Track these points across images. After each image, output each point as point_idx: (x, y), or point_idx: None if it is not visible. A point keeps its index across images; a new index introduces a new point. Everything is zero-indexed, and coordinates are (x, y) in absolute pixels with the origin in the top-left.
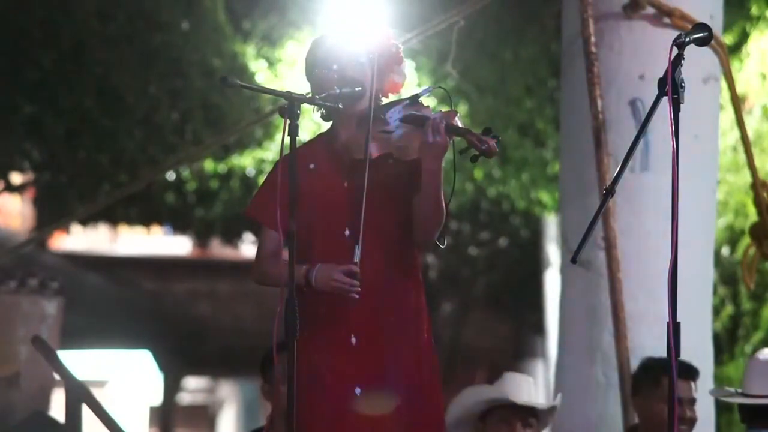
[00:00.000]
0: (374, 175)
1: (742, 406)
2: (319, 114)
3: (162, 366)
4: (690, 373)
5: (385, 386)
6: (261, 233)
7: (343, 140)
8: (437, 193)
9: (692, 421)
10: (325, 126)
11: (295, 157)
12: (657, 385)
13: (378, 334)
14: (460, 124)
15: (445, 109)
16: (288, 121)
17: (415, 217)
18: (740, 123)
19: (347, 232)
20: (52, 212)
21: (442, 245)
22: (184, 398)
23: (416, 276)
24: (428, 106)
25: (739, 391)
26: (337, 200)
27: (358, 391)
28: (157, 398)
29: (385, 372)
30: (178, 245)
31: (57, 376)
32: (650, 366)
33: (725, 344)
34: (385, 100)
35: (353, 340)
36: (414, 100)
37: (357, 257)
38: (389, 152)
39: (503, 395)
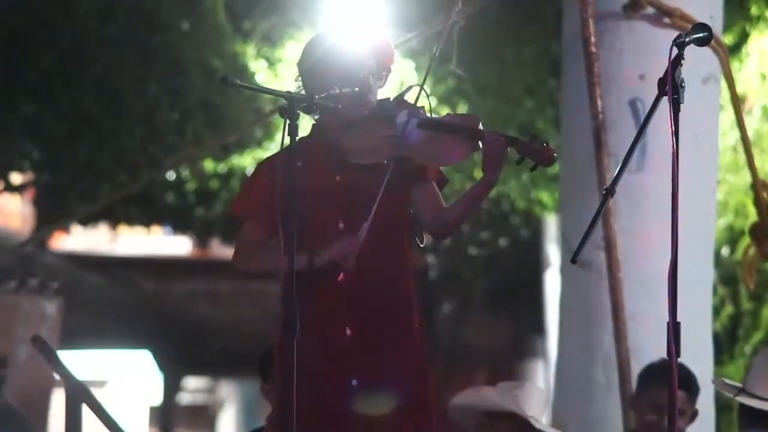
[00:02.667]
0: (375, 174)
1: (744, 404)
2: (331, 107)
3: (162, 366)
4: (685, 383)
5: (380, 376)
6: (243, 226)
7: (332, 138)
8: (483, 200)
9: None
10: None
11: (294, 156)
12: (648, 391)
13: (372, 325)
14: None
15: (446, 108)
16: (288, 121)
17: (439, 214)
18: (740, 123)
19: (341, 225)
20: (52, 212)
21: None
22: (184, 398)
23: (408, 268)
24: (423, 107)
25: (739, 386)
26: (330, 194)
27: (354, 383)
28: (157, 398)
29: (380, 362)
30: (178, 245)
31: (57, 376)
32: (647, 371)
33: (725, 344)
34: None
35: (348, 332)
36: (399, 99)
37: (363, 234)
38: (408, 156)
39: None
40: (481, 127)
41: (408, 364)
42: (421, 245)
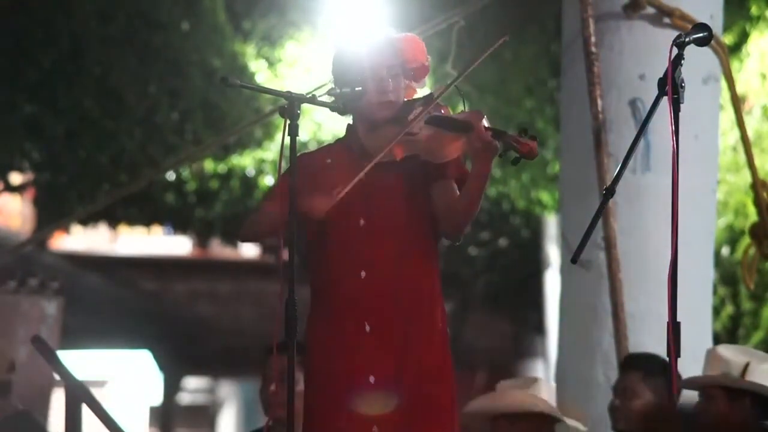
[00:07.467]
0: (393, 171)
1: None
2: (331, 107)
3: (162, 366)
4: (633, 363)
5: (398, 374)
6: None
7: (360, 138)
8: (482, 193)
9: (618, 410)
10: (324, 126)
11: (295, 156)
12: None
13: (392, 322)
14: (487, 124)
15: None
16: (288, 121)
17: (449, 212)
18: (740, 123)
19: (362, 222)
20: (52, 212)
21: (459, 241)
22: (184, 398)
23: (432, 266)
24: (446, 106)
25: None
26: (352, 191)
27: (371, 379)
28: (157, 398)
29: (399, 360)
30: (178, 245)
31: (57, 376)
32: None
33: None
34: None
35: (367, 328)
36: (429, 100)
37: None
38: (416, 154)
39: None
40: (485, 122)
41: (428, 363)
42: (457, 244)
